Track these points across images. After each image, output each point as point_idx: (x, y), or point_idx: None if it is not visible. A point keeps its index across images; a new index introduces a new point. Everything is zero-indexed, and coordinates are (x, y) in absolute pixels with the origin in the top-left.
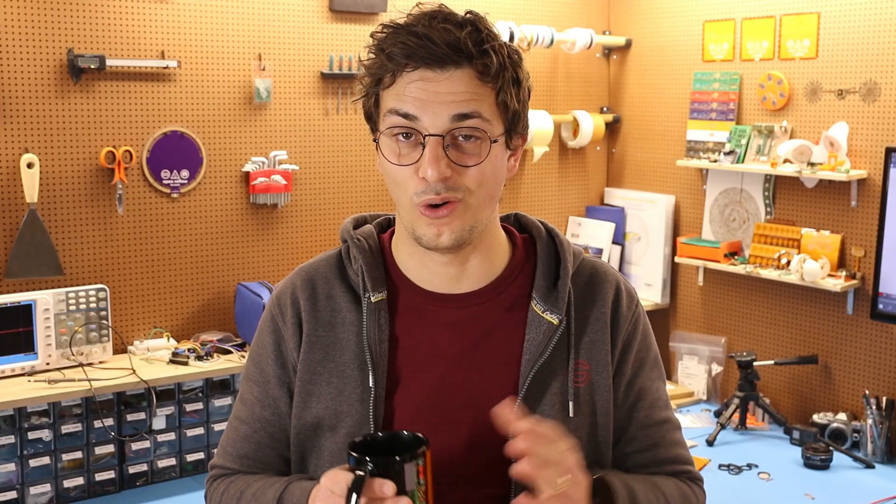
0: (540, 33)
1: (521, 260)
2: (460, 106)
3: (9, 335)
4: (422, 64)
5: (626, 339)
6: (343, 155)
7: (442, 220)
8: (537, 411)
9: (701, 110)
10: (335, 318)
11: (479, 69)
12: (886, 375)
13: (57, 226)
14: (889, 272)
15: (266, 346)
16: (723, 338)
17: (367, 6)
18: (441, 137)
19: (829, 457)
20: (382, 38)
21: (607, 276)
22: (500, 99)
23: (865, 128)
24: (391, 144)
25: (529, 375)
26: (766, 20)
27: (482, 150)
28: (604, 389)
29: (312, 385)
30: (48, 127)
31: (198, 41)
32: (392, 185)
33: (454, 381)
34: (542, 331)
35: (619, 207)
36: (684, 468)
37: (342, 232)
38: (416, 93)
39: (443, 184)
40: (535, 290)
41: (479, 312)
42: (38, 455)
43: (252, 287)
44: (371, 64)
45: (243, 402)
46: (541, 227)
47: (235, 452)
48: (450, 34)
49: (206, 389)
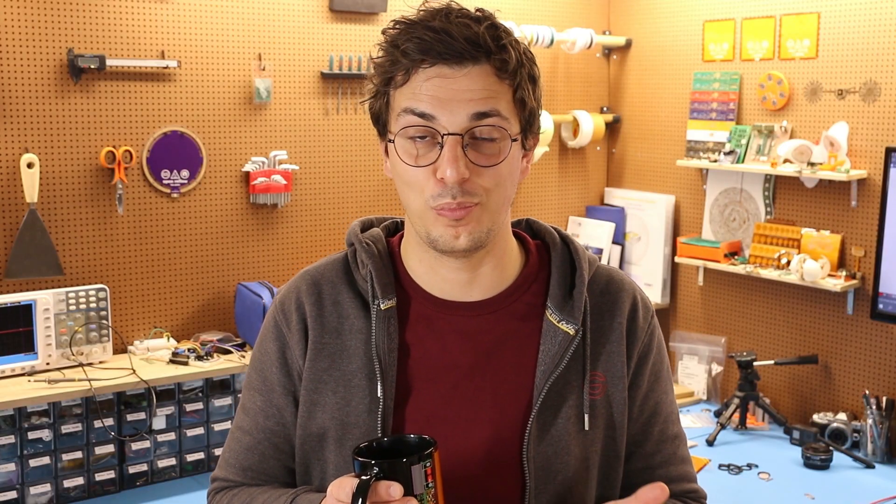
0: (540, 33)
1: (534, 268)
2: (479, 104)
3: (9, 335)
4: (439, 60)
5: (643, 352)
6: (343, 155)
7: (460, 222)
8: (552, 424)
9: (701, 110)
10: (342, 324)
11: (497, 65)
12: (886, 375)
13: (57, 226)
14: (889, 272)
15: (270, 353)
16: (723, 338)
17: (367, 6)
18: (460, 137)
19: (829, 457)
20: (396, 35)
21: (623, 285)
22: (518, 96)
23: (865, 128)
24: (406, 145)
25: (545, 387)
26: (766, 20)
27: (502, 150)
28: (619, 402)
29: (318, 394)
30: (48, 127)
31: (198, 41)
32: (404, 188)
33: (466, 392)
34: (557, 341)
35: (619, 207)
36: (691, 486)
37: (349, 235)
38: (432, 91)
39: (460, 188)
40: (550, 299)
41: (492, 321)
42: (38, 455)
43: (252, 287)
44: (383, 61)
45: (246, 411)
46: (555, 233)
47: (238, 464)
48: (468, 29)
49: (206, 389)
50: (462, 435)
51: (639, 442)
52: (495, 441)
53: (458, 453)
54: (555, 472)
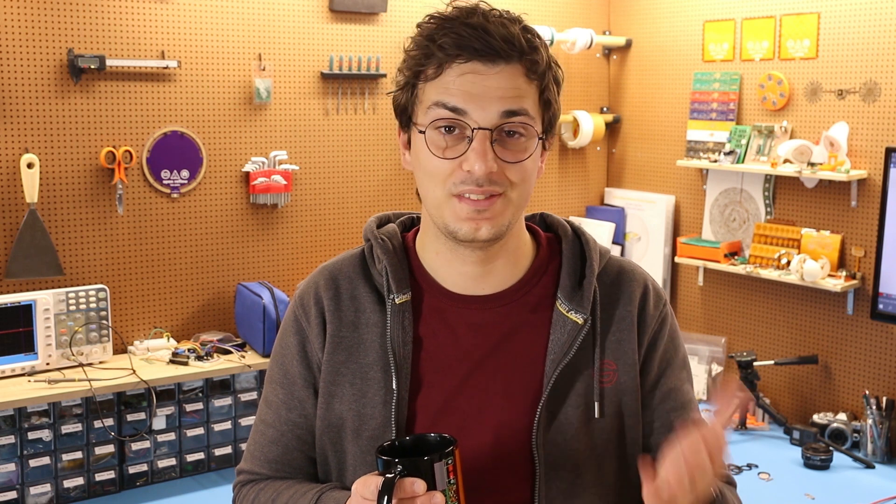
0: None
1: (545, 260)
2: (509, 102)
3: (9, 335)
4: (474, 56)
5: (653, 338)
6: (343, 155)
7: (482, 213)
8: (561, 412)
9: (701, 110)
10: (359, 318)
11: (528, 66)
12: (886, 375)
13: (57, 226)
14: (889, 272)
15: (290, 346)
16: (723, 338)
17: (367, 6)
18: (490, 132)
19: (829, 457)
20: (433, 29)
21: (635, 274)
22: (545, 97)
23: (865, 128)
24: (435, 137)
25: (553, 376)
26: (766, 20)
27: (528, 147)
28: (631, 390)
29: (335, 386)
30: (48, 127)
31: (198, 41)
32: (426, 178)
33: (477, 383)
34: (566, 330)
35: (619, 207)
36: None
37: (366, 231)
38: (465, 86)
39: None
40: (560, 289)
41: (504, 313)
42: (38, 455)
43: (252, 287)
44: (416, 54)
45: (268, 404)
46: (567, 226)
47: (263, 457)
48: (505, 28)
49: (206, 389)
50: (473, 424)
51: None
52: (505, 430)
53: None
54: (564, 459)
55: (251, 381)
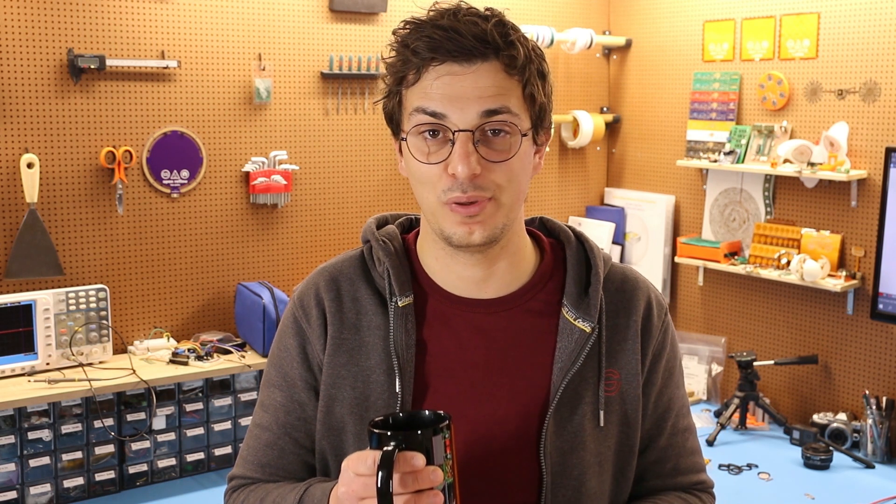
0: (540, 33)
1: (550, 266)
2: (489, 101)
3: (9, 335)
4: (448, 58)
5: (657, 350)
6: (343, 155)
7: (474, 218)
8: (569, 421)
9: (701, 110)
10: (360, 321)
11: (506, 62)
12: (886, 375)
13: (57, 226)
14: (889, 272)
15: (290, 349)
16: (723, 338)
17: (367, 6)
18: (471, 133)
19: (829, 457)
20: (406, 34)
21: (638, 283)
22: (528, 92)
23: (865, 128)
24: (418, 143)
25: (562, 384)
26: (766, 20)
27: (512, 145)
28: (633, 399)
29: (336, 389)
30: (48, 127)
31: (198, 41)
32: (418, 185)
33: (483, 389)
34: (574, 339)
35: (619, 207)
36: (699, 478)
37: (365, 232)
38: (442, 89)
39: (471, 182)
40: (567, 296)
41: (508, 318)
42: (38, 455)
43: (252, 287)
44: (394, 61)
45: (265, 408)
46: (569, 231)
47: (256, 461)
48: (476, 26)
49: (206, 389)
50: (480, 431)
51: (653, 437)
52: (512, 437)
53: (476, 448)
54: (570, 466)
55: (251, 381)
